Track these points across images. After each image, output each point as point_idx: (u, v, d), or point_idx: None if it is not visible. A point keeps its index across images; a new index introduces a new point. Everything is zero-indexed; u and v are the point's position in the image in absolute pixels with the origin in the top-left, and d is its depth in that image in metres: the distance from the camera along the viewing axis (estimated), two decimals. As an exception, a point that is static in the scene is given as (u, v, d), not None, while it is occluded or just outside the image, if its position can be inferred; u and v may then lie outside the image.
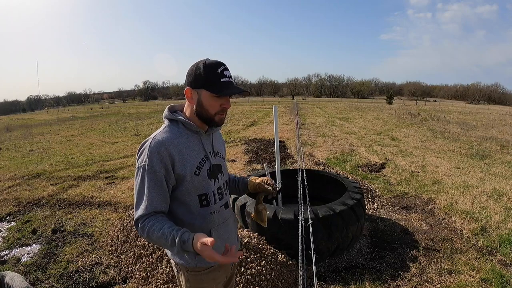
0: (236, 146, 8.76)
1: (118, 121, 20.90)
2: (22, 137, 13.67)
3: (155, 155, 1.04)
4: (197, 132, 1.15)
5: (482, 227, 3.32)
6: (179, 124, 1.13)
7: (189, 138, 1.13)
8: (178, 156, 1.07)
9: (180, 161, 1.07)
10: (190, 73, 1.09)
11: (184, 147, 1.10)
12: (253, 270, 2.32)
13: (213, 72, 1.06)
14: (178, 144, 1.09)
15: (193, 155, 1.11)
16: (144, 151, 1.06)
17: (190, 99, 1.11)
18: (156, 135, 1.09)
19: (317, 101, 57.00)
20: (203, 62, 1.08)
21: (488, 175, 5.38)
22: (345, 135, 10.54)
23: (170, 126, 1.13)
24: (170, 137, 1.09)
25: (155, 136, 1.08)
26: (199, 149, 1.15)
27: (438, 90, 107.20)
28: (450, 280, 2.46)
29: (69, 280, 2.59)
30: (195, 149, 1.13)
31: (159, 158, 1.04)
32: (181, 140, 1.10)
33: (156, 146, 1.05)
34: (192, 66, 1.10)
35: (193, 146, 1.13)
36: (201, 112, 1.11)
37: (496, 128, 12.56)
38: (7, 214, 4.16)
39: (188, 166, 1.09)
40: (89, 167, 6.84)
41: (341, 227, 2.64)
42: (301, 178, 3.12)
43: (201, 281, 1.18)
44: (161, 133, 1.10)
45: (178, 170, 1.07)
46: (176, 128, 1.12)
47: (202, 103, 1.09)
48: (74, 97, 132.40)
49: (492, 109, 36.37)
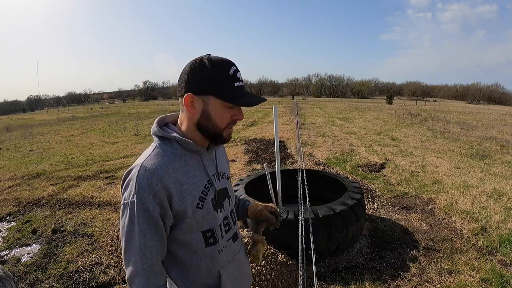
0: (236, 146, 8.76)
1: (118, 121, 20.90)
2: (22, 137, 13.66)
3: (145, 189, 0.78)
4: (197, 152, 0.89)
5: (482, 227, 3.32)
6: (173, 143, 0.86)
7: (187, 161, 0.87)
8: (176, 188, 0.82)
9: (178, 194, 0.82)
10: (191, 74, 0.81)
11: (182, 174, 0.84)
12: (253, 270, 2.33)
13: (224, 73, 0.81)
14: (174, 171, 0.83)
15: (193, 184, 0.86)
16: (131, 183, 0.80)
17: (191, 108, 0.83)
18: (145, 161, 0.82)
19: (317, 101, 57.03)
20: (207, 59, 0.81)
21: (488, 175, 5.38)
22: (345, 135, 10.54)
23: (162, 146, 0.86)
24: (163, 163, 0.82)
25: (143, 163, 0.81)
26: (201, 173, 0.89)
27: (438, 90, 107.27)
28: (450, 280, 2.46)
29: (69, 280, 2.59)
30: (195, 175, 0.88)
31: (151, 193, 0.78)
32: (177, 165, 0.84)
33: (147, 177, 0.79)
34: (192, 64, 0.82)
35: (193, 171, 0.87)
36: (207, 126, 0.85)
37: (496, 128, 12.56)
38: (7, 214, 4.16)
39: (188, 199, 0.84)
40: (89, 167, 6.83)
41: (341, 227, 2.64)
42: (301, 178, 3.12)
43: None
44: (150, 157, 0.83)
45: (176, 205, 0.82)
46: (169, 149, 0.86)
47: (210, 115, 0.84)
48: (74, 97, 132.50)
49: (492, 109, 36.36)
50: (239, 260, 1.03)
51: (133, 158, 7.66)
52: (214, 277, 0.93)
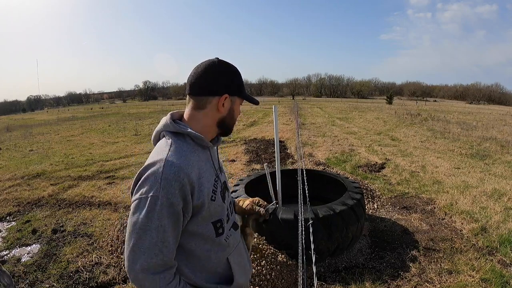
0: (236, 146, 8.76)
1: (118, 121, 20.90)
2: (22, 137, 13.66)
3: (172, 183, 0.79)
4: (207, 147, 0.95)
5: (482, 227, 3.32)
6: (187, 138, 0.90)
7: (200, 156, 0.91)
8: (197, 182, 0.85)
9: (198, 188, 0.86)
10: (228, 77, 0.92)
11: (198, 169, 0.88)
12: (253, 270, 2.33)
13: (240, 77, 0.96)
14: (195, 166, 0.86)
15: (207, 177, 0.90)
16: (153, 178, 0.80)
17: (221, 107, 0.92)
18: (168, 156, 0.83)
19: (317, 101, 57.03)
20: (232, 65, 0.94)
21: (488, 175, 5.38)
22: (345, 135, 10.54)
23: (177, 142, 0.88)
24: (186, 158, 0.85)
25: (168, 159, 0.82)
26: (210, 168, 0.94)
27: (438, 90, 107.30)
28: (450, 280, 2.46)
29: (69, 280, 2.59)
30: (207, 170, 0.92)
31: (177, 187, 0.80)
32: (195, 160, 0.88)
33: (173, 172, 0.80)
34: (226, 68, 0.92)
35: (205, 165, 0.92)
36: (228, 122, 0.96)
37: (496, 128, 12.56)
38: (7, 214, 4.16)
39: (205, 192, 0.88)
40: (89, 167, 6.84)
41: (341, 227, 2.64)
42: (301, 178, 3.12)
43: None
44: (172, 153, 0.84)
45: (196, 199, 0.85)
46: (185, 144, 0.89)
47: (234, 112, 0.96)
48: (74, 97, 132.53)
49: (492, 109, 36.37)
50: (241, 248, 1.09)
51: (133, 158, 7.66)
52: (223, 264, 0.98)
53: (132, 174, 5.96)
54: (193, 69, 0.93)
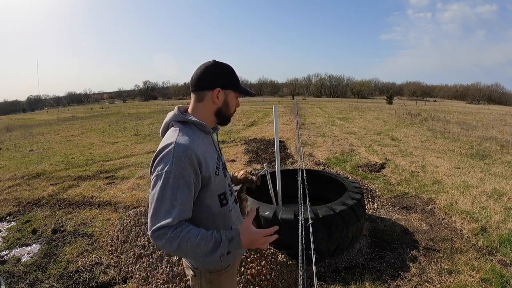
0: (236, 146, 8.76)
1: (118, 121, 20.90)
2: (22, 137, 13.66)
3: (182, 159, 0.98)
4: (208, 133, 1.16)
5: (482, 227, 3.32)
6: (191, 125, 1.11)
7: (203, 139, 1.12)
8: (203, 158, 1.05)
9: (204, 163, 1.05)
10: (218, 73, 1.11)
11: (203, 149, 1.08)
12: (253, 270, 2.32)
13: (235, 74, 1.16)
14: (199, 146, 1.06)
15: (211, 156, 1.11)
16: (166, 157, 0.99)
17: (216, 99, 1.12)
18: (177, 139, 1.03)
19: (317, 101, 57.02)
20: (226, 64, 1.14)
21: (488, 175, 5.38)
22: (345, 135, 10.54)
23: (184, 129, 1.08)
24: (192, 140, 1.05)
25: (177, 141, 1.02)
26: (213, 149, 1.16)
27: (438, 90, 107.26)
28: (450, 280, 2.46)
29: (69, 280, 2.59)
30: (211, 150, 1.14)
31: (188, 162, 0.99)
32: (199, 142, 1.08)
33: (183, 150, 0.99)
34: (218, 67, 1.12)
35: (208, 147, 1.13)
36: (224, 112, 1.16)
37: (496, 128, 12.56)
38: (7, 214, 4.16)
39: (210, 167, 1.08)
40: (89, 167, 6.84)
41: (341, 227, 2.64)
42: (301, 178, 3.12)
43: (223, 279, 1.22)
44: (180, 137, 1.04)
45: (204, 171, 1.05)
46: (190, 130, 1.09)
47: (228, 104, 1.15)
48: (74, 97, 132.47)
49: (492, 109, 36.36)
50: (241, 218, 1.31)
51: (133, 158, 7.66)
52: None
53: (132, 174, 5.96)
54: (195, 70, 1.14)
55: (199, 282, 1.21)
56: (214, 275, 1.19)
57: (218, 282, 1.21)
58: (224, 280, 1.22)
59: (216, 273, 1.19)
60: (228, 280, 1.24)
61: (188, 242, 0.96)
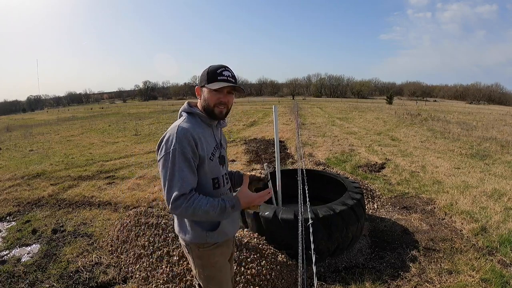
0: (236, 146, 8.77)
1: (118, 121, 20.90)
2: (22, 137, 13.67)
3: (183, 139, 1.20)
4: (210, 125, 1.37)
5: (482, 227, 3.32)
6: (196, 116, 1.34)
7: (205, 129, 1.33)
8: (199, 141, 1.25)
9: (201, 144, 1.25)
10: (200, 76, 1.35)
11: (202, 135, 1.28)
12: (253, 270, 2.32)
13: (213, 72, 1.29)
14: (198, 131, 1.27)
15: (208, 142, 1.32)
16: (171, 138, 1.21)
17: (199, 96, 1.35)
18: (180, 123, 1.26)
19: (317, 101, 57.01)
20: (210, 66, 1.33)
21: (488, 175, 5.38)
22: (345, 135, 10.54)
23: (189, 117, 1.32)
24: (192, 125, 1.27)
25: (180, 125, 1.25)
26: (212, 138, 1.36)
27: (438, 90, 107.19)
28: (450, 280, 2.46)
29: (69, 280, 2.59)
30: (209, 138, 1.34)
31: (186, 142, 1.20)
32: (199, 129, 1.29)
33: (183, 132, 1.21)
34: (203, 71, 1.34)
35: (208, 135, 1.34)
36: (207, 106, 1.32)
37: (496, 128, 12.56)
38: (7, 214, 4.16)
39: (205, 150, 1.28)
40: (89, 167, 6.83)
41: (341, 227, 2.64)
42: (301, 178, 3.12)
43: (212, 256, 1.37)
44: (183, 122, 1.27)
45: (200, 151, 1.25)
46: (194, 119, 1.32)
47: (205, 98, 1.32)
48: (74, 97, 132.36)
49: (492, 109, 36.37)
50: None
51: (133, 158, 7.66)
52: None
53: (132, 174, 5.96)
54: None
55: (192, 257, 1.38)
56: (202, 251, 1.35)
57: (207, 256, 1.36)
58: (212, 256, 1.37)
59: (203, 249, 1.34)
60: (218, 257, 1.39)
61: (200, 208, 1.17)
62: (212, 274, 1.39)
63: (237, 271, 2.32)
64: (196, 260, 1.37)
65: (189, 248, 1.36)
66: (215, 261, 1.37)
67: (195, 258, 1.36)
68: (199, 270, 1.38)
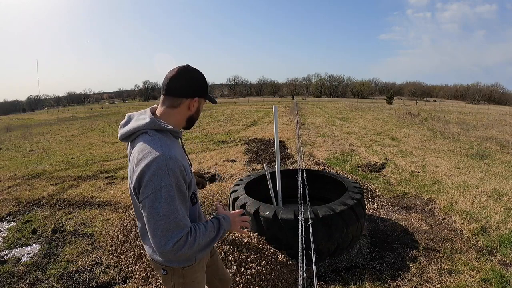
0: (236, 146, 8.76)
1: (118, 121, 20.89)
2: (22, 137, 13.67)
3: (177, 171, 1.01)
4: (178, 137, 1.18)
5: (482, 227, 3.32)
6: (167, 133, 1.11)
7: (177, 146, 1.15)
8: (184, 166, 1.07)
9: (186, 170, 1.08)
10: (200, 83, 1.14)
11: (181, 155, 1.11)
12: (253, 270, 2.32)
13: (206, 81, 1.19)
14: (179, 154, 1.09)
15: (185, 160, 1.14)
16: (159, 172, 0.98)
17: (192, 107, 1.15)
18: (163, 151, 1.01)
19: (317, 101, 56.99)
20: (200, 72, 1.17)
21: (488, 175, 5.38)
22: (345, 135, 10.54)
23: (161, 137, 1.07)
24: (174, 149, 1.06)
25: (164, 153, 1.00)
26: (183, 153, 1.19)
27: (438, 90, 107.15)
28: (450, 280, 2.46)
29: (69, 280, 2.59)
30: (183, 154, 1.16)
31: (180, 174, 1.02)
32: (177, 149, 1.11)
33: (174, 162, 1.01)
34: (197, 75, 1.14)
35: (181, 151, 1.16)
36: (194, 118, 1.21)
37: (496, 128, 12.56)
38: (7, 214, 4.16)
39: (189, 172, 1.12)
40: (89, 167, 6.84)
41: (341, 227, 2.64)
42: (301, 178, 3.12)
43: (195, 272, 1.27)
44: (163, 147, 1.03)
45: (188, 178, 1.09)
46: (167, 139, 1.09)
47: (199, 111, 1.20)
48: (74, 97, 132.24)
49: (492, 109, 36.37)
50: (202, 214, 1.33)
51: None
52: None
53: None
54: (168, 73, 1.12)
55: (171, 279, 1.25)
56: (187, 269, 1.24)
57: (191, 274, 1.27)
58: (196, 273, 1.28)
59: (188, 267, 1.24)
60: (200, 272, 1.32)
61: (203, 236, 1.07)
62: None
63: (237, 271, 2.32)
64: (177, 279, 1.25)
65: (169, 270, 1.23)
66: (196, 276, 1.30)
67: (177, 278, 1.25)
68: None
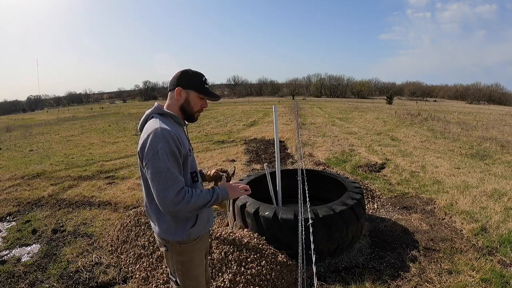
0: (236, 146, 8.76)
1: (118, 121, 20.90)
2: (22, 137, 13.67)
3: (170, 139, 1.22)
4: (181, 124, 1.41)
5: (482, 227, 3.32)
6: (168, 117, 1.35)
7: (178, 128, 1.36)
8: (180, 139, 1.28)
9: (182, 143, 1.29)
10: (180, 77, 1.36)
11: (179, 133, 1.32)
12: (253, 270, 2.32)
13: (200, 78, 1.37)
14: (176, 131, 1.30)
15: (184, 140, 1.35)
16: (155, 139, 1.21)
17: (179, 96, 1.36)
18: (160, 125, 1.26)
19: (317, 101, 56.96)
20: (190, 70, 1.38)
21: (488, 175, 5.38)
22: (345, 135, 10.54)
23: (162, 119, 1.32)
24: (170, 125, 1.30)
25: (160, 126, 1.25)
26: (185, 136, 1.40)
27: (438, 90, 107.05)
28: (450, 280, 2.46)
29: (69, 280, 2.59)
30: (183, 136, 1.37)
31: (172, 141, 1.23)
32: (176, 128, 1.33)
33: (168, 132, 1.23)
34: (180, 72, 1.37)
35: (182, 134, 1.37)
36: (186, 109, 1.38)
37: (496, 128, 12.56)
38: (7, 214, 4.16)
39: (185, 147, 1.32)
40: (89, 167, 6.83)
41: (341, 227, 2.64)
42: (301, 178, 3.12)
43: (192, 251, 1.42)
44: (161, 124, 1.27)
45: (182, 149, 1.29)
46: (166, 120, 1.33)
47: (189, 101, 1.38)
48: (74, 97, 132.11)
49: (492, 109, 36.37)
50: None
51: (133, 158, 7.66)
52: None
53: (132, 174, 5.96)
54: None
55: (171, 256, 1.41)
56: (184, 247, 1.39)
57: (188, 253, 1.41)
58: (193, 252, 1.42)
59: (185, 245, 1.39)
60: (197, 253, 1.45)
61: (198, 198, 1.24)
62: (190, 270, 1.43)
63: (237, 271, 2.32)
64: (176, 257, 1.40)
65: (169, 246, 1.39)
66: (193, 256, 1.43)
67: (176, 255, 1.40)
68: (177, 266, 1.42)
